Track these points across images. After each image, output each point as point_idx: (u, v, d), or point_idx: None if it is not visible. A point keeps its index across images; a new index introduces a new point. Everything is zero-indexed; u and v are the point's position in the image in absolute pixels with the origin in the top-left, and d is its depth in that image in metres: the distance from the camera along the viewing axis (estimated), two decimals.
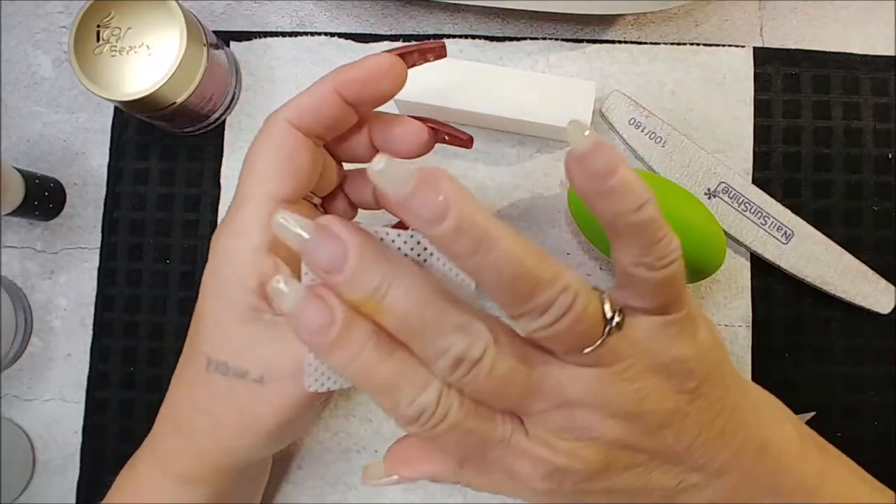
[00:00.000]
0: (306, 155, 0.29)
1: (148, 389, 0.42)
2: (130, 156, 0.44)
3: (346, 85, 0.28)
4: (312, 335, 0.22)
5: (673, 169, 0.41)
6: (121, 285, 0.43)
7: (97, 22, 0.37)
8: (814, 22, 0.43)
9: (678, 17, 0.44)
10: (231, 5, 0.45)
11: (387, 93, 0.28)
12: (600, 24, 0.43)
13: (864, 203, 0.42)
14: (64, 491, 0.42)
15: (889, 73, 0.42)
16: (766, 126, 0.42)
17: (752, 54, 0.43)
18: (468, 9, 0.44)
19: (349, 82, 0.28)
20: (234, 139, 0.44)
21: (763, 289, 0.41)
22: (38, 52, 0.45)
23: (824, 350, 0.41)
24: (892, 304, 0.40)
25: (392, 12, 0.44)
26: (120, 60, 0.37)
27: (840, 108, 0.42)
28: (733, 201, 0.41)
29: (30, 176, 0.41)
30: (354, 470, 0.41)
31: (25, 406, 0.43)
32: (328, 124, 0.29)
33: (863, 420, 0.41)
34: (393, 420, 0.23)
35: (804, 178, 0.42)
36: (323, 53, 0.44)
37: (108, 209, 0.44)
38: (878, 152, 0.42)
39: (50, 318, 0.43)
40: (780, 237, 0.40)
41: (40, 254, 0.44)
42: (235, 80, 0.43)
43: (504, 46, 0.43)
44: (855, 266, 0.40)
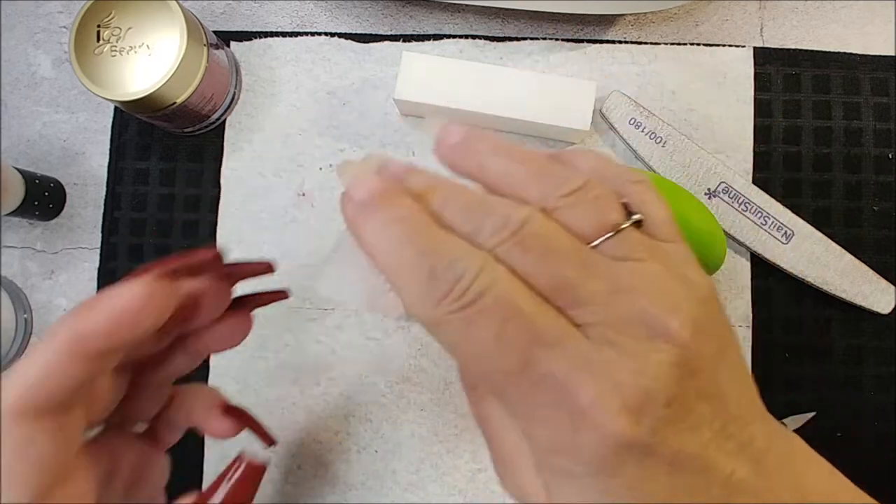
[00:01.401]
0: (47, 445, 0.22)
1: None
2: (130, 156, 0.44)
3: (84, 341, 0.21)
4: (363, 194, 0.21)
5: (673, 169, 0.41)
6: None
7: (97, 22, 0.37)
8: (814, 22, 0.43)
9: (678, 17, 0.44)
10: (231, 5, 0.45)
11: (151, 329, 0.22)
12: (600, 24, 0.43)
13: (864, 203, 0.42)
14: None
15: (889, 73, 0.42)
16: (766, 126, 0.42)
17: (752, 54, 0.43)
18: (468, 9, 0.44)
19: (88, 338, 0.21)
20: (234, 139, 0.44)
21: (763, 289, 0.41)
22: (38, 52, 0.45)
23: (824, 350, 0.41)
24: (892, 304, 0.40)
25: (392, 12, 0.44)
26: (120, 60, 0.37)
27: (840, 108, 0.42)
28: (733, 201, 0.41)
29: (30, 176, 0.41)
30: (354, 470, 0.41)
31: None
32: (73, 388, 0.22)
33: (863, 420, 0.41)
34: (420, 314, 0.20)
35: (804, 178, 0.42)
36: (323, 53, 0.44)
37: (108, 209, 0.44)
38: (878, 152, 0.42)
39: (50, 318, 0.43)
40: (780, 237, 0.40)
41: (40, 254, 0.44)
42: (235, 80, 0.43)
43: (504, 46, 0.43)
44: (855, 266, 0.40)
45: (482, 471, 0.41)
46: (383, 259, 0.21)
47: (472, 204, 0.21)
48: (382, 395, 0.42)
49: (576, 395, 0.19)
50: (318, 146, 0.43)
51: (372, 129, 0.43)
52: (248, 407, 0.42)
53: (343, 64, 0.44)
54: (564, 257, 0.20)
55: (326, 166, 0.43)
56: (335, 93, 0.43)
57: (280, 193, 0.43)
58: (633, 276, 0.20)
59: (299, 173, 0.43)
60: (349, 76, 0.44)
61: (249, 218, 0.43)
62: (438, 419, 0.41)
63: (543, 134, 0.42)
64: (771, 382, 0.41)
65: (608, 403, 0.19)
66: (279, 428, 0.42)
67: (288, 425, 0.42)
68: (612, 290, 0.20)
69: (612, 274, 0.20)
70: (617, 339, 0.19)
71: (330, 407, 0.42)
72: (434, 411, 0.41)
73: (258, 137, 0.44)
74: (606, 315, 0.20)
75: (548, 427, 0.20)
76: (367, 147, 0.43)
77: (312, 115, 0.43)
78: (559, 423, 0.19)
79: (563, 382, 0.19)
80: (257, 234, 0.43)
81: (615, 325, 0.19)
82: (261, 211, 0.43)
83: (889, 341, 0.41)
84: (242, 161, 0.43)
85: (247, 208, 0.43)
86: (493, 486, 0.41)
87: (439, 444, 0.41)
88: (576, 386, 0.19)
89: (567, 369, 0.19)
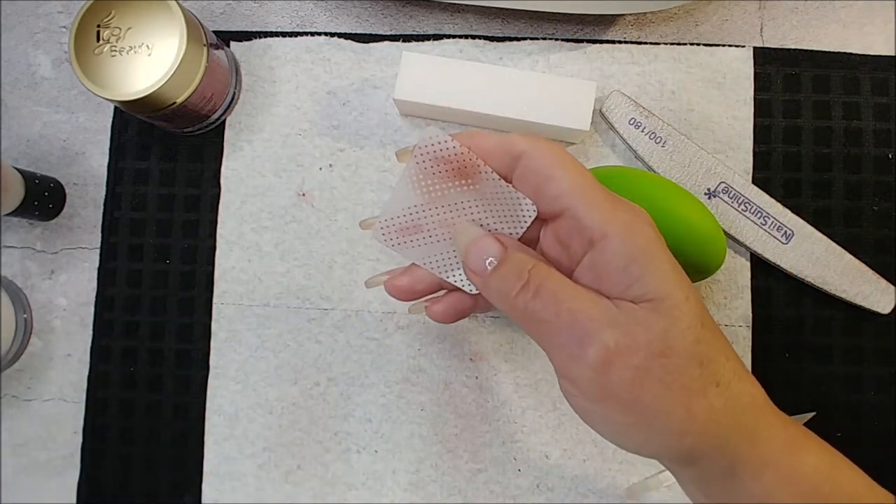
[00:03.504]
0: None
1: (148, 389, 0.42)
2: (130, 156, 0.44)
3: None
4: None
5: (673, 169, 0.41)
6: (121, 285, 0.43)
7: (97, 22, 0.37)
8: (814, 22, 0.43)
9: (678, 17, 0.44)
10: (231, 5, 0.45)
11: None
12: (600, 24, 0.43)
13: (864, 203, 0.42)
14: (64, 491, 0.42)
15: (889, 73, 0.42)
16: (766, 126, 0.42)
17: (752, 54, 0.43)
18: (468, 9, 0.44)
19: None
20: (234, 139, 0.44)
21: (763, 289, 0.41)
22: (38, 52, 0.45)
23: (824, 350, 0.41)
24: (892, 304, 0.40)
25: (392, 12, 0.44)
26: (120, 60, 0.37)
27: (840, 108, 0.42)
28: (733, 201, 0.41)
29: (30, 176, 0.41)
30: (354, 470, 0.41)
31: (25, 406, 0.43)
32: None
33: (863, 420, 0.41)
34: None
35: (804, 178, 0.42)
36: (323, 53, 0.44)
37: (108, 209, 0.44)
38: (878, 152, 0.42)
39: (50, 318, 0.43)
40: (780, 237, 0.40)
41: (40, 254, 0.44)
42: (235, 80, 0.43)
43: (504, 46, 0.43)
44: (855, 266, 0.40)
45: (482, 471, 0.41)
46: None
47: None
48: (382, 395, 0.42)
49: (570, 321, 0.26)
50: (318, 146, 0.43)
51: (372, 129, 0.43)
52: (247, 407, 0.42)
53: (343, 64, 0.44)
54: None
55: (326, 166, 0.43)
56: (335, 93, 0.43)
57: (280, 193, 0.43)
58: None
59: (299, 173, 0.43)
60: (349, 76, 0.44)
61: (249, 218, 0.43)
62: (438, 419, 0.41)
63: (543, 134, 0.42)
64: (771, 382, 0.40)
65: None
66: (279, 428, 0.42)
67: (288, 425, 0.42)
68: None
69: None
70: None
71: (330, 407, 0.42)
72: (434, 411, 0.41)
73: (258, 137, 0.44)
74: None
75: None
76: (366, 147, 0.43)
77: (312, 115, 0.43)
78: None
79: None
80: (257, 234, 0.43)
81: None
82: (261, 211, 0.43)
83: (889, 341, 0.41)
84: (242, 161, 0.43)
85: (247, 208, 0.43)
86: (492, 486, 0.41)
87: (439, 444, 0.41)
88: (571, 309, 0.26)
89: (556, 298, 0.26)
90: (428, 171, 0.28)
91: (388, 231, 0.30)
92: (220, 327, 0.42)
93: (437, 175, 0.28)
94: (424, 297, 0.32)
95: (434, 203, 0.29)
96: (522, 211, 0.28)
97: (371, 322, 0.42)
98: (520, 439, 0.41)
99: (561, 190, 0.27)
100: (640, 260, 0.25)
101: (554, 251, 0.29)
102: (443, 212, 0.29)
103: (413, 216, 0.30)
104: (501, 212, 0.29)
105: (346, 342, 0.42)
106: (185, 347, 0.42)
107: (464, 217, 0.29)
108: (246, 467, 0.42)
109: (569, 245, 0.27)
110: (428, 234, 0.30)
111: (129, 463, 0.42)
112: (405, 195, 0.29)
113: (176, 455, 0.42)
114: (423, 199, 0.29)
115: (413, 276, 0.31)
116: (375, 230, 0.30)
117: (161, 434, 0.42)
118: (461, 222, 0.29)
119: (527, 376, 0.41)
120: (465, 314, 0.32)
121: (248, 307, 0.42)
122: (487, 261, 0.27)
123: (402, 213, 0.30)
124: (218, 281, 0.43)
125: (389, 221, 0.30)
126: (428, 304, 0.32)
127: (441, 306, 0.31)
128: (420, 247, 0.30)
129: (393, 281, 0.31)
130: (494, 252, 0.27)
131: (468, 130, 0.29)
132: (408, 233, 0.30)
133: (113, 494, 0.42)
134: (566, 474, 0.41)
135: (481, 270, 0.27)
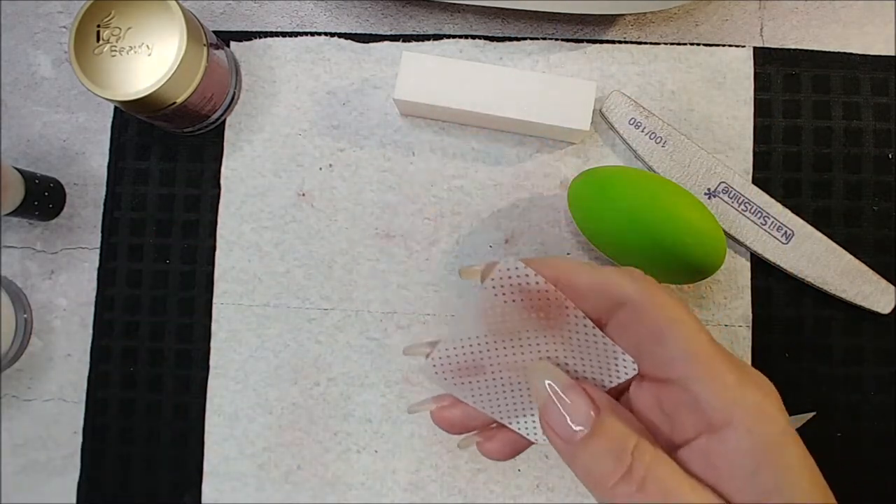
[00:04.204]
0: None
1: (148, 389, 0.42)
2: (130, 156, 0.44)
3: None
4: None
5: (673, 169, 0.41)
6: (121, 285, 0.43)
7: (97, 22, 0.37)
8: (814, 22, 0.43)
9: (678, 17, 0.44)
10: (231, 5, 0.45)
11: None
12: (600, 24, 0.43)
13: (864, 203, 0.42)
14: (64, 491, 0.42)
15: (889, 73, 0.42)
16: (766, 126, 0.42)
17: (752, 54, 0.43)
18: (468, 9, 0.44)
19: None
20: (234, 139, 0.44)
21: (763, 289, 0.41)
22: (38, 52, 0.45)
23: (824, 350, 0.41)
24: (892, 304, 0.40)
25: (392, 12, 0.44)
26: (120, 60, 0.37)
27: (840, 108, 0.42)
28: (733, 201, 0.41)
29: (30, 176, 0.41)
30: (354, 470, 0.41)
31: (25, 406, 0.43)
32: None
33: (863, 420, 0.41)
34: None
35: (804, 178, 0.42)
36: (323, 53, 0.44)
37: (108, 209, 0.44)
38: (878, 152, 0.42)
39: (50, 318, 0.43)
40: (780, 237, 0.40)
41: (40, 254, 0.44)
42: (235, 80, 0.43)
43: (504, 46, 0.43)
44: (855, 266, 0.40)
45: (482, 471, 0.41)
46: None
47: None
48: (382, 395, 0.42)
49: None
50: (318, 146, 0.43)
51: (372, 129, 0.43)
52: (247, 407, 0.42)
53: (343, 64, 0.44)
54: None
55: (326, 166, 0.43)
56: (335, 93, 0.43)
57: (280, 193, 0.43)
58: None
59: (299, 173, 0.43)
60: (349, 76, 0.44)
61: (249, 218, 0.43)
62: None
63: (543, 134, 0.42)
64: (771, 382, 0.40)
65: None
66: (279, 428, 0.42)
67: (288, 425, 0.42)
68: None
69: None
70: None
71: (330, 407, 0.42)
72: None
73: (258, 137, 0.44)
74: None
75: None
76: (366, 147, 0.43)
77: (312, 115, 0.43)
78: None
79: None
80: (257, 234, 0.43)
81: None
82: (261, 211, 0.43)
83: (889, 341, 0.41)
84: (242, 161, 0.43)
85: (247, 208, 0.43)
86: (492, 486, 0.41)
87: (439, 444, 0.41)
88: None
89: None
90: (500, 304, 0.24)
91: (443, 368, 0.26)
92: (220, 327, 0.42)
93: (511, 309, 0.24)
94: (476, 430, 0.28)
95: (502, 340, 0.25)
96: (617, 366, 0.24)
97: (371, 322, 0.42)
98: None
99: (675, 355, 0.22)
100: (774, 463, 0.20)
101: (652, 415, 0.24)
102: (512, 352, 0.25)
103: (475, 354, 0.25)
104: (587, 358, 0.24)
105: (346, 342, 0.42)
106: (185, 347, 0.42)
107: (537, 357, 0.25)
108: (246, 467, 0.42)
109: (675, 417, 0.23)
110: (491, 377, 0.26)
111: (129, 463, 0.42)
112: (468, 327, 0.25)
113: (176, 455, 0.42)
114: (490, 334, 0.25)
115: (466, 408, 0.27)
116: (428, 366, 0.26)
117: (161, 434, 0.42)
118: (539, 361, 0.25)
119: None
120: (523, 449, 0.28)
121: (248, 307, 0.42)
122: (576, 427, 0.22)
123: (462, 349, 0.25)
124: (218, 281, 0.43)
125: (446, 357, 0.26)
126: (480, 440, 0.27)
127: (496, 444, 0.27)
128: (480, 389, 0.26)
129: (442, 412, 0.27)
130: (584, 415, 0.22)
131: (554, 258, 0.25)
132: (467, 373, 0.26)
133: (113, 494, 0.42)
134: (566, 474, 0.41)
135: (567, 436, 0.22)
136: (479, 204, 0.42)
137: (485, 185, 0.42)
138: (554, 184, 0.42)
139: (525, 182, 0.42)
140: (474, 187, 0.42)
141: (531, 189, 0.42)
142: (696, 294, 0.41)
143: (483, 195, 0.42)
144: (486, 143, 0.43)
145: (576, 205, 0.38)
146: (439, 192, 0.42)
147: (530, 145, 0.42)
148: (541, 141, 0.42)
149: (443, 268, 0.42)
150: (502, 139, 0.43)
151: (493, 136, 0.43)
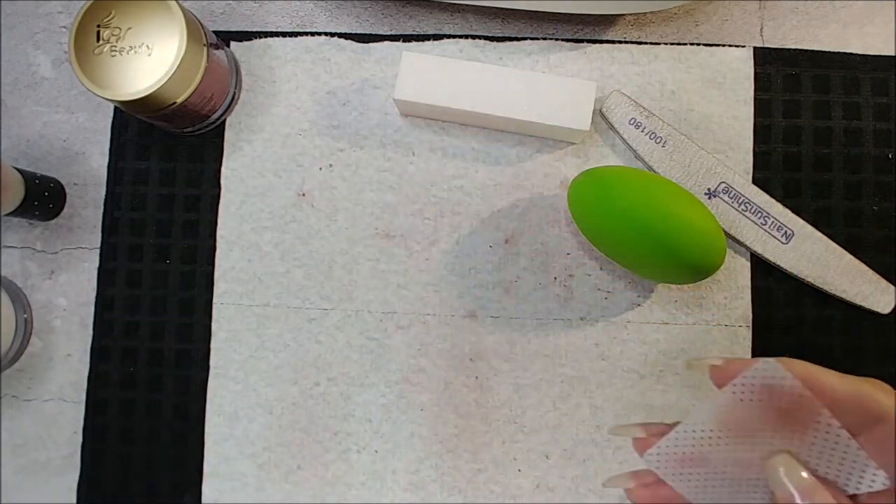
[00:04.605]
0: None
1: (148, 389, 0.42)
2: (130, 156, 0.44)
3: None
4: None
5: (673, 169, 0.41)
6: (121, 285, 0.43)
7: (97, 22, 0.37)
8: (814, 22, 0.43)
9: (678, 17, 0.44)
10: (231, 5, 0.45)
11: None
12: (600, 24, 0.43)
13: (864, 203, 0.42)
14: (64, 491, 0.42)
15: (889, 73, 0.42)
16: (766, 126, 0.42)
17: (752, 54, 0.43)
18: (468, 9, 0.44)
19: None
20: (234, 139, 0.44)
21: (763, 289, 0.41)
22: (38, 52, 0.45)
23: (824, 350, 0.41)
24: (892, 304, 0.40)
25: (392, 12, 0.44)
26: (120, 60, 0.37)
27: (840, 108, 0.42)
28: (733, 201, 0.41)
29: (30, 176, 0.41)
30: (354, 470, 0.41)
31: (25, 406, 0.43)
32: None
33: None
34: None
35: (804, 178, 0.42)
36: (323, 53, 0.44)
37: (108, 209, 0.44)
38: (878, 152, 0.42)
39: (50, 318, 0.43)
40: (780, 237, 0.40)
41: (40, 254, 0.44)
42: (235, 80, 0.43)
43: (504, 46, 0.43)
44: (855, 266, 0.40)
45: (482, 471, 0.41)
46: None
47: None
48: (382, 395, 0.42)
49: None
50: (318, 146, 0.43)
51: (372, 129, 0.43)
52: (247, 407, 0.42)
53: (343, 64, 0.44)
54: None
55: (326, 166, 0.43)
56: (335, 93, 0.43)
57: (280, 193, 0.43)
58: None
59: (299, 173, 0.43)
60: (349, 76, 0.44)
61: (249, 218, 0.43)
62: (438, 419, 0.41)
63: (543, 134, 0.42)
64: None
65: None
66: (279, 428, 0.42)
67: (288, 425, 0.42)
68: None
69: None
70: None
71: (330, 407, 0.42)
72: (434, 411, 0.41)
73: (258, 137, 0.44)
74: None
75: None
76: (366, 147, 0.43)
77: (312, 115, 0.43)
78: None
79: None
80: (257, 234, 0.43)
81: None
82: (261, 211, 0.43)
83: (889, 341, 0.41)
84: (242, 161, 0.43)
85: (247, 208, 0.43)
86: (492, 486, 0.41)
87: (439, 444, 0.41)
88: None
89: None
90: (744, 404, 0.24)
91: (664, 458, 0.26)
92: (220, 327, 0.42)
93: (752, 407, 0.23)
94: None
95: (735, 435, 0.24)
96: (863, 475, 0.23)
97: (371, 322, 0.42)
98: (520, 439, 0.41)
99: None
100: None
101: None
102: (742, 448, 0.24)
103: (703, 446, 0.25)
104: (829, 460, 0.23)
105: (346, 342, 0.42)
106: (185, 347, 0.42)
107: (769, 454, 0.24)
108: (246, 467, 0.42)
109: None
110: (713, 469, 0.25)
111: (129, 463, 0.42)
112: (702, 422, 0.25)
113: (176, 455, 0.42)
114: (723, 429, 0.24)
115: (669, 492, 0.26)
116: (650, 454, 0.26)
117: (161, 434, 0.42)
118: (781, 454, 0.24)
119: (527, 376, 0.41)
120: None
121: (248, 307, 0.43)
122: None
123: (688, 439, 0.25)
124: (218, 281, 0.43)
125: (671, 448, 0.25)
126: (632, 487, 0.27)
127: (647, 492, 0.27)
128: (698, 481, 0.26)
129: (642, 489, 0.27)
130: None
131: (804, 364, 0.24)
132: (690, 464, 0.25)
133: (113, 494, 0.42)
134: (566, 474, 0.41)
135: None
136: (479, 204, 0.42)
137: (485, 185, 0.42)
138: (554, 184, 0.42)
139: (525, 182, 0.42)
140: (474, 187, 0.42)
141: (531, 189, 0.42)
142: (696, 294, 0.41)
143: (483, 195, 0.42)
144: (486, 143, 0.43)
145: (576, 205, 0.38)
146: (439, 192, 0.42)
147: (530, 145, 0.42)
148: (541, 141, 0.42)
149: (443, 268, 0.42)
150: (502, 139, 0.43)
151: (493, 136, 0.43)
